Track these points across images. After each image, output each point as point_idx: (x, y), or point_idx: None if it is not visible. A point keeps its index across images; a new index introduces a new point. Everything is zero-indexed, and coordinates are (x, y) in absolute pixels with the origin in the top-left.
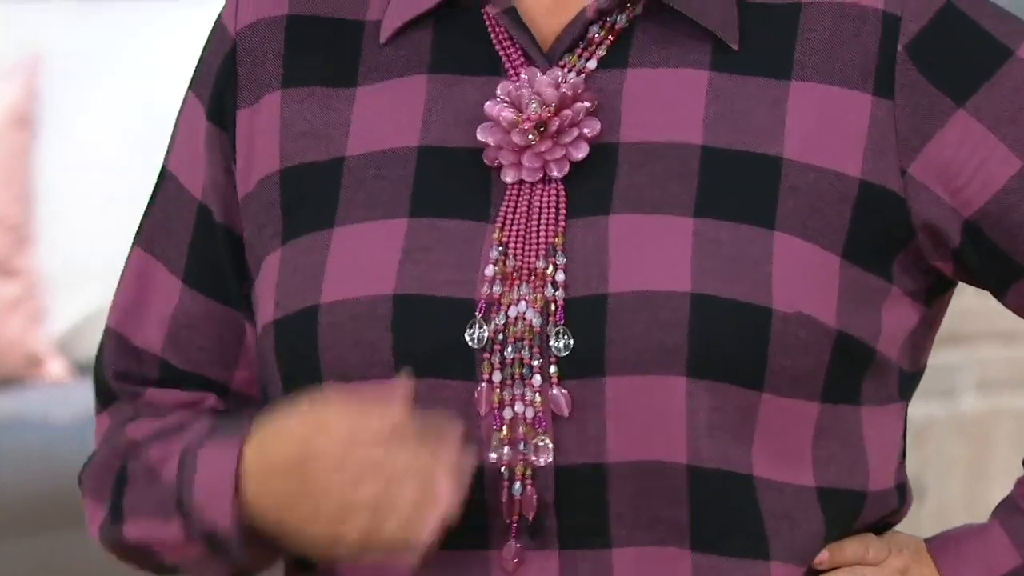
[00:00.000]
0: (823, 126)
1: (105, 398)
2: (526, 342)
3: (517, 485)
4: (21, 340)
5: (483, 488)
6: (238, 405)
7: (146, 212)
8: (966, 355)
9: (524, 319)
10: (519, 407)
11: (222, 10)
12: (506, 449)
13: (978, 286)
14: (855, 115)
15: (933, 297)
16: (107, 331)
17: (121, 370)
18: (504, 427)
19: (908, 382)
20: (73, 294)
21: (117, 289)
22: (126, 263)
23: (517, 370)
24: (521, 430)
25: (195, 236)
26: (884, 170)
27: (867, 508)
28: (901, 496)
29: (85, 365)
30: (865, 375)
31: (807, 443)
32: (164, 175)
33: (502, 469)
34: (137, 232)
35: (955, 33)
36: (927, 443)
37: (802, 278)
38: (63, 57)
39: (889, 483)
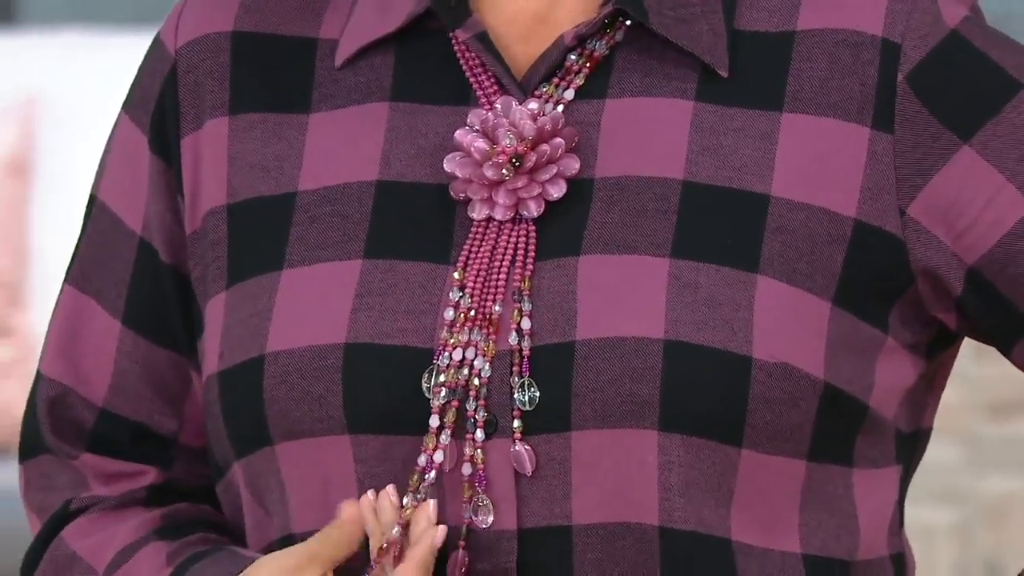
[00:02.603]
0: (816, 162)
1: (32, 448)
2: (480, 394)
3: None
4: (17, 405)
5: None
6: (185, 464)
7: (76, 247)
8: None
9: (474, 369)
10: (467, 467)
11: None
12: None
13: (984, 341)
14: (851, 150)
15: (935, 352)
16: (40, 378)
17: (57, 422)
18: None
19: (907, 444)
20: None
21: (49, 332)
22: (57, 302)
23: (470, 425)
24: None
25: (135, 274)
26: (881, 210)
27: None
28: (898, 567)
29: None
30: (858, 433)
31: (793, 505)
32: (94, 204)
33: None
34: (68, 269)
35: (960, 63)
36: (1007, 522)
37: (787, 325)
38: (59, 99)
39: (881, 551)
